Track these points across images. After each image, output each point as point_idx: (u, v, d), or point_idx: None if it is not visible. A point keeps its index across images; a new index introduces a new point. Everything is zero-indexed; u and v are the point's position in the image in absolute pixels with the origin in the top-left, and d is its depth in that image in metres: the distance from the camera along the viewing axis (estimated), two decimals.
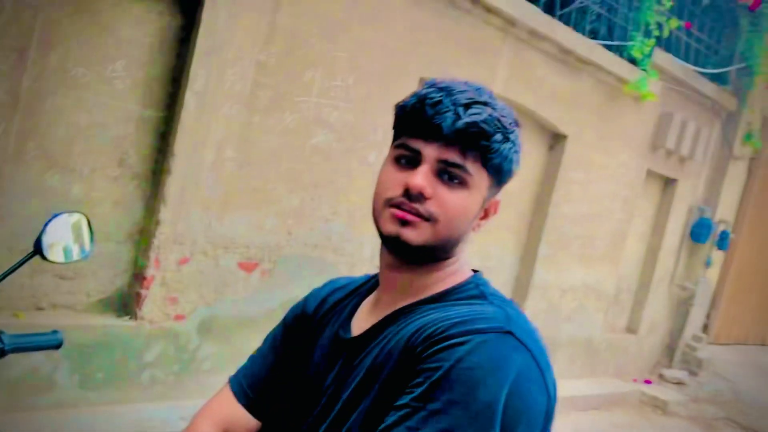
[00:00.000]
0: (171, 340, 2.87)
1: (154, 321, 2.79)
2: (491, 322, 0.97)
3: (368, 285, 1.23)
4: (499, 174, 1.07)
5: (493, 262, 4.53)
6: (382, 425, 0.93)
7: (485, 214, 1.11)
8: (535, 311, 4.78)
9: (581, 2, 4.37)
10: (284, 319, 1.28)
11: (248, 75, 2.84)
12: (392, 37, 3.35)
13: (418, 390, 0.92)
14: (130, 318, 2.76)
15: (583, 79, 4.52)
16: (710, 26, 5.66)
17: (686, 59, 5.36)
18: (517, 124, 1.09)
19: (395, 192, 1.05)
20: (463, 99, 1.03)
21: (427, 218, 1.03)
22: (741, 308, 7.10)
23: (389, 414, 0.94)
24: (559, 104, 4.40)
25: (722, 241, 6.21)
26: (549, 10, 4.14)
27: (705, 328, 6.68)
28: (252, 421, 1.25)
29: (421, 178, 1.02)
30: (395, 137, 1.08)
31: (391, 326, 1.08)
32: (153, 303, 2.77)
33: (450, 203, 1.03)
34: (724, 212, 6.30)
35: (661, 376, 6.11)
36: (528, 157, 4.47)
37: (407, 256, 1.08)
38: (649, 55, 4.69)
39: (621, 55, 4.62)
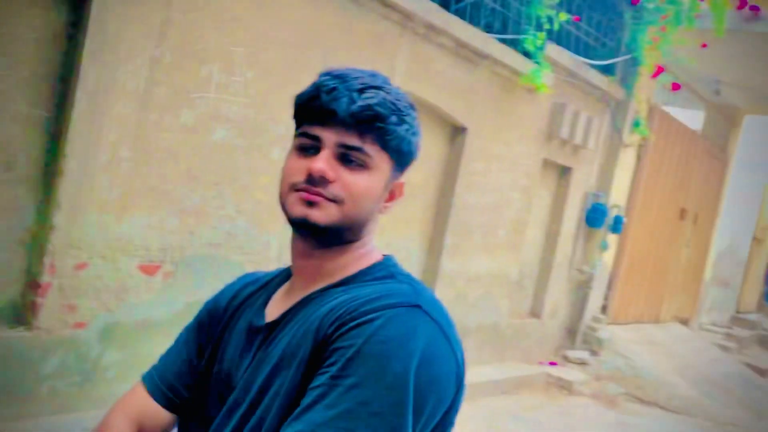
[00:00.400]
0: (71, 350, 2.75)
1: (52, 330, 2.67)
2: (400, 297, 1.02)
3: (281, 276, 1.25)
4: (400, 155, 1.12)
5: (401, 254, 4.59)
6: (299, 407, 0.95)
7: (391, 196, 1.16)
8: (443, 300, 4.86)
9: None
10: (197, 315, 1.29)
11: (142, 72, 2.76)
12: (291, 31, 3.34)
13: (333, 368, 0.95)
14: (26, 329, 2.63)
15: (479, 72, 4.64)
16: (597, 19, 5.93)
17: (576, 52, 5.60)
18: (412, 107, 1.13)
19: (299, 178, 1.08)
20: (357, 84, 1.07)
21: (333, 200, 1.07)
22: (635, 288, 7.49)
23: (306, 395, 0.96)
24: (458, 97, 4.50)
25: (616, 225, 6.53)
26: (445, 4, 4.23)
27: (603, 309, 7.00)
28: (167, 416, 1.24)
29: (322, 162, 1.06)
30: (297, 127, 1.12)
31: (303, 311, 1.10)
32: (50, 311, 2.65)
33: (353, 185, 1.08)
34: (617, 197, 6.63)
35: (565, 358, 6.36)
36: (431, 149, 4.56)
37: (317, 237, 1.11)
38: (542, 48, 4.86)
39: (515, 49, 4.78)
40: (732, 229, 10.12)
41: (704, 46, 5.67)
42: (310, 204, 1.07)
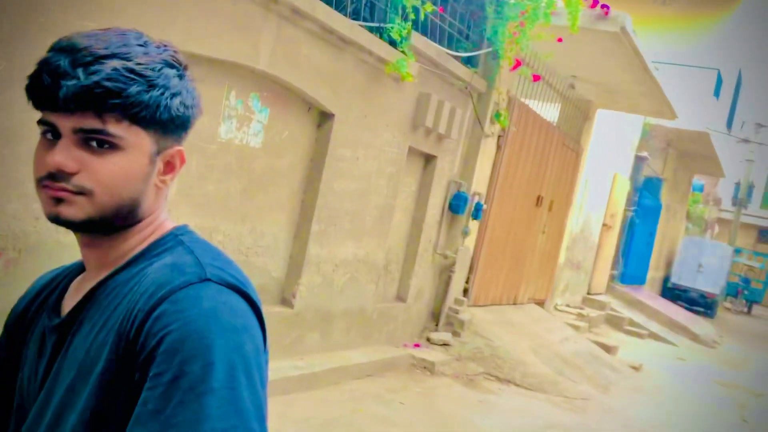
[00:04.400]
0: None
1: None
2: (186, 275, 0.94)
3: (77, 265, 1.15)
4: (159, 124, 0.99)
5: (267, 240, 4.54)
6: (128, 430, 0.87)
7: (169, 168, 1.05)
8: (310, 286, 4.88)
9: None
10: (5, 324, 1.17)
11: None
12: (149, 9, 3.19)
13: (148, 377, 0.88)
14: None
15: (346, 58, 4.65)
16: (461, 12, 6.11)
17: (441, 43, 5.74)
18: (169, 65, 1.00)
19: (42, 172, 0.97)
20: (85, 56, 0.94)
21: (81, 192, 0.96)
22: (494, 272, 7.83)
23: (132, 418, 0.87)
24: (325, 83, 4.50)
25: (477, 212, 6.79)
26: None
27: (465, 292, 7.27)
28: None
29: (59, 155, 0.94)
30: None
31: (93, 309, 1.01)
32: None
33: (102, 171, 0.96)
34: (478, 185, 6.89)
35: (428, 340, 6.56)
36: (297, 135, 4.53)
37: (81, 232, 1.02)
38: (407, 38, 4.95)
39: (381, 37, 4.83)
40: (584, 215, 10.81)
41: (560, 40, 5.98)
42: (58, 200, 0.96)
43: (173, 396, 0.85)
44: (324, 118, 4.72)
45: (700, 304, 17.16)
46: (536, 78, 6.89)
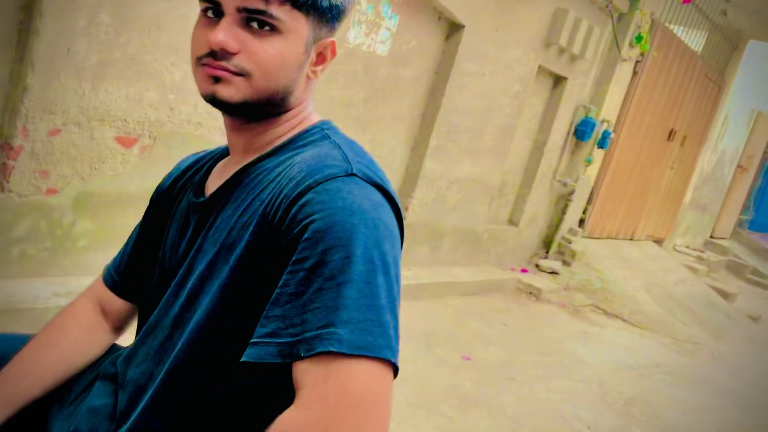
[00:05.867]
0: (43, 215, 2.73)
1: (24, 194, 2.64)
2: (332, 168, 0.95)
3: (221, 151, 1.20)
4: (318, 12, 1.00)
5: (385, 151, 4.55)
6: (266, 308, 0.90)
7: (321, 59, 1.07)
8: (423, 201, 4.88)
9: None
10: (150, 201, 1.26)
11: None
12: None
13: (291, 261, 0.90)
14: None
15: None
16: None
17: None
18: None
19: (202, 50, 0.99)
20: None
21: (240, 73, 0.98)
22: (614, 205, 7.55)
23: (269, 301, 0.91)
24: None
25: (603, 141, 6.50)
26: None
27: (581, 222, 7.08)
28: (124, 305, 1.27)
29: (221, 33, 0.96)
30: None
31: (238, 190, 1.05)
32: (22, 175, 2.61)
33: (262, 54, 0.97)
34: (608, 112, 6.56)
35: (537, 266, 6.48)
36: (424, 45, 4.44)
37: (233, 114, 1.04)
38: None
39: None
40: (718, 154, 10.14)
41: None
42: (217, 80, 0.98)
43: (313, 282, 0.87)
44: (453, 29, 4.58)
45: None
46: (686, 0, 6.36)
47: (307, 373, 0.85)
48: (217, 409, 1.00)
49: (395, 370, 0.89)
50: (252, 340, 0.90)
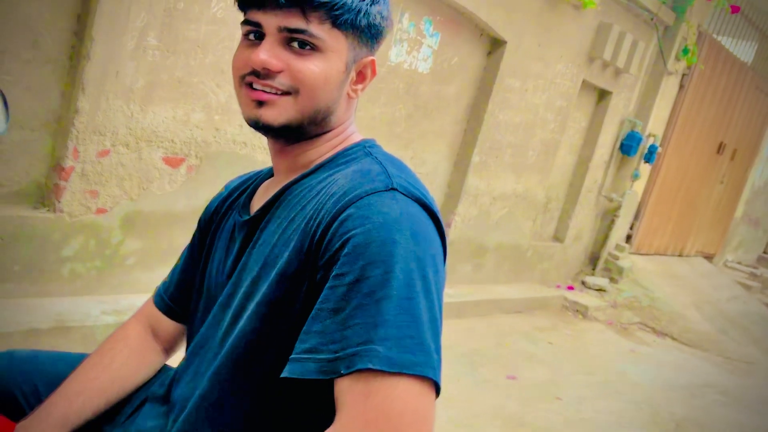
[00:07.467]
0: (92, 234, 2.79)
1: (74, 214, 2.71)
2: (373, 183, 0.95)
3: (265, 173, 1.21)
4: (358, 31, 1.01)
5: (428, 167, 4.55)
6: (306, 323, 0.90)
7: (361, 77, 1.08)
8: (466, 217, 4.85)
9: None
10: (198, 222, 1.28)
11: None
12: None
13: (330, 276, 0.90)
14: (48, 210, 2.67)
15: None
16: None
17: None
18: None
19: (245, 69, 1.00)
20: None
21: (285, 92, 0.99)
22: (662, 221, 7.39)
23: (309, 317, 0.91)
24: (500, 8, 4.33)
25: (650, 155, 6.38)
26: None
27: (628, 238, 6.94)
28: (174, 326, 1.29)
29: (264, 53, 0.97)
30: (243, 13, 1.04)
31: (281, 208, 1.05)
32: (72, 195, 2.68)
33: (305, 72, 0.98)
34: (654, 126, 6.45)
35: (583, 283, 6.37)
36: (466, 62, 4.43)
37: (276, 137, 1.05)
38: None
39: None
40: None
41: None
42: (261, 103, 1.00)
43: (353, 298, 0.87)
44: (495, 45, 4.56)
45: None
46: (735, 9, 6.21)
47: (348, 390, 0.84)
48: (257, 426, 1.00)
49: (437, 389, 0.87)
50: (292, 356, 0.89)
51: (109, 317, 2.72)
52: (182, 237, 3.02)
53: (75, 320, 2.64)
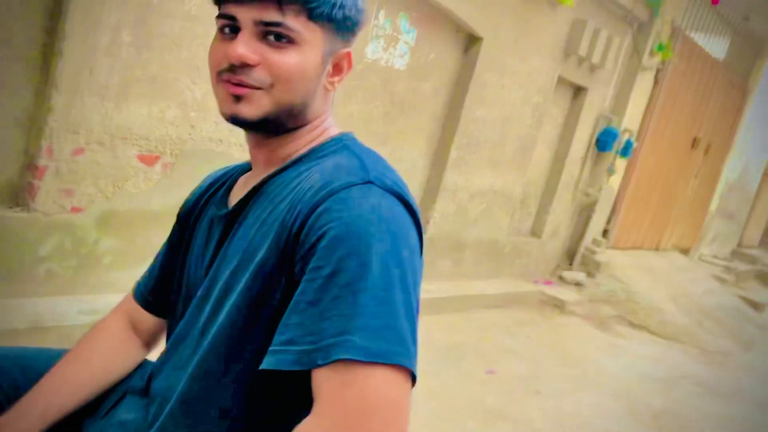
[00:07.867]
0: (68, 234, 2.76)
1: (49, 213, 2.68)
2: (350, 176, 0.96)
3: (243, 167, 1.22)
4: (333, 23, 1.02)
5: (406, 164, 4.55)
6: (284, 316, 0.91)
7: (337, 70, 1.08)
8: (444, 213, 4.87)
9: None
10: (177, 216, 1.29)
11: None
12: None
13: (309, 269, 0.91)
14: (23, 210, 2.64)
15: None
16: None
17: None
18: None
19: (222, 65, 1.00)
20: None
21: (260, 87, 0.99)
22: (639, 215, 7.47)
23: (287, 309, 0.92)
24: (476, 4, 4.34)
25: (626, 150, 6.44)
26: None
27: (605, 233, 7.01)
28: (154, 320, 1.29)
29: (241, 46, 0.97)
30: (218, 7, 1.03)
31: (259, 201, 1.06)
32: (47, 194, 2.65)
33: (281, 65, 0.98)
34: (629, 121, 6.51)
35: (561, 278, 6.42)
36: (443, 58, 4.44)
37: (254, 131, 1.06)
38: None
39: None
40: (744, 162, 10.00)
41: None
42: (237, 98, 1.00)
43: (330, 290, 0.88)
44: (472, 41, 4.58)
45: None
46: (715, 1, 6.27)
47: (324, 381, 0.85)
48: (238, 418, 1.00)
49: (413, 378, 0.88)
50: (270, 348, 0.90)
51: (86, 317, 2.70)
52: (158, 235, 3.00)
53: (52, 320, 2.61)
